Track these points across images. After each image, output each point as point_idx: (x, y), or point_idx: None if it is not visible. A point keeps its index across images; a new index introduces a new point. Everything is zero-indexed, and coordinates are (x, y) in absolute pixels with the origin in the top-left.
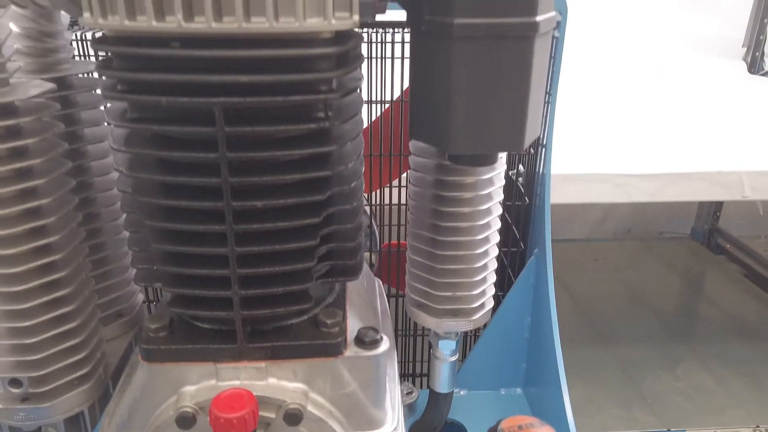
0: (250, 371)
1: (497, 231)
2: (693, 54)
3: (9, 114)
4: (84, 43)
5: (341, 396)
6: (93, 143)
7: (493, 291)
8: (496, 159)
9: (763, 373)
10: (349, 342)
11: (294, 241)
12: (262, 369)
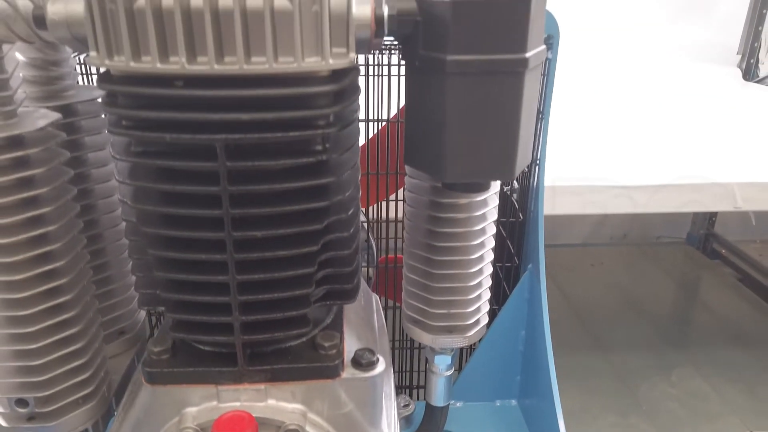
0: (250, 393)
1: (491, 249)
2: (688, 61)
3: (17, 145)
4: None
5: (339, 416)
6: (97, 167)
7: (488, 307)
8: (488, 186)
9: (757, 380)
10: (346, 364)
11: (292, 269)
12: (261, 391)
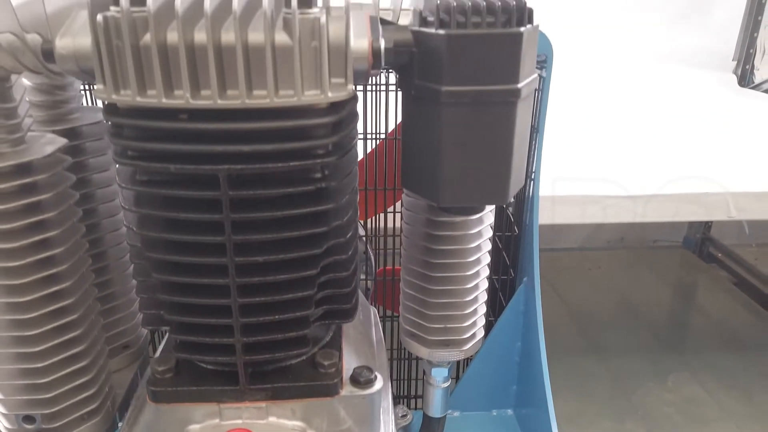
0: (251, 411)
1: (487, 264)
2: (684, 67)
3: (25, 172)
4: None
5: None
6: (101, 188)
7: (484, 322)
8: (483, 209)
9: (753, 385)
10: (345, 381)
11: (293, 292)
12: (262, 409)
